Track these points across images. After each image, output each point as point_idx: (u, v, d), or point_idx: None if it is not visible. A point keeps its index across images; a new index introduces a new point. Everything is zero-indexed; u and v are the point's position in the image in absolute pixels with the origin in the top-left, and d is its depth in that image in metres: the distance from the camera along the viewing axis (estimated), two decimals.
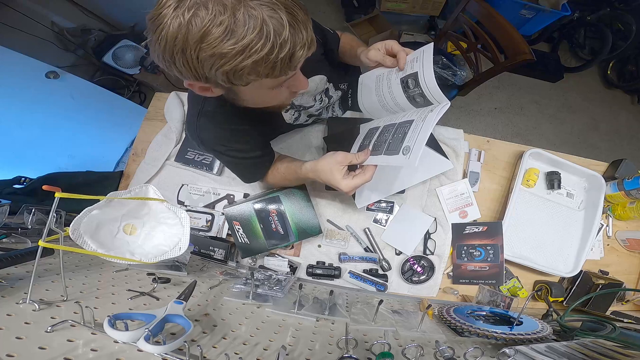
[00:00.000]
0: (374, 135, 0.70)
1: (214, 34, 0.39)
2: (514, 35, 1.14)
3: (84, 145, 1.51)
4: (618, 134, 2.37)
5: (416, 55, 0.62)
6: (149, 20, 0.42)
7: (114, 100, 1.69)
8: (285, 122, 0.85)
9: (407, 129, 0.60)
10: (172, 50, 0.42)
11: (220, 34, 0.39)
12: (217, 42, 0.40)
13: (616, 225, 1.00)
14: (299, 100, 0.81)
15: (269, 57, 0.42)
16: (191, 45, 0.40)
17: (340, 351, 0.52)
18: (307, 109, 0.86)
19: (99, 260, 0.68)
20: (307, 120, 0.93)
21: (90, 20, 2.06)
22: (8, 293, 0.46)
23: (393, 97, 0.68)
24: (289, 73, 0.48)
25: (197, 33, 0.39)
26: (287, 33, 0.42)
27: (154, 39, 0.42)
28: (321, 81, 0.81)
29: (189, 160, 1.00)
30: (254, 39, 0.40)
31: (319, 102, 0.86)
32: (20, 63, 1.36)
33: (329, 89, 0.86)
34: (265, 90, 0.53)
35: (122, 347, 0.41)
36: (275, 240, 0.88)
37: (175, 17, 0.39)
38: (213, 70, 0.44)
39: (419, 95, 0.62)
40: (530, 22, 2.25)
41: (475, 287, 0.90)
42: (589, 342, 0.57)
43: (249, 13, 0.39)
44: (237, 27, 0.40)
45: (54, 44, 1.83)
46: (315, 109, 0.87)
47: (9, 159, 1.27)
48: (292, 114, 0.84)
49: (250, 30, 0.40)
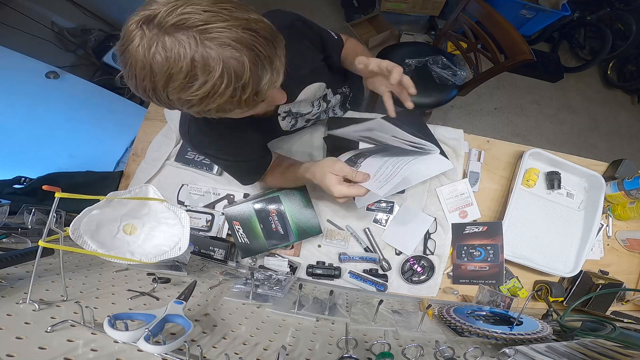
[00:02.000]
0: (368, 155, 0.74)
1: (175, 80, 0.40)
2: (514, 35, 1.14)
3: (84, 145, 1.51)
4: (618, 134, 2.37)
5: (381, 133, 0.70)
6: (118, 53, 0.42)
7: (114, 100, 1.68)
8: (282, 129, 0.84)
9: (398, 167, 0.66)
10: (144, 88, 0.42)
11: (182, 79, 0.40)
12: (180, 89, 0.41)
13: (616, 225, 1.00)
14: (296, 107, 0.79)
15: (233, 98, 0.43)
16: (159, 88, 0.41)
17: (340, 351, 0.52)
18: (305, 115, 0.85)
19: (99, 260, 0.68)
20: (306, 124, 0.92)
21: (90, 20, 2.06)
22: (8, 293, 0.46)
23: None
24: (259, 103, 0.48)
25: (162, 78, 0.40)
26: (248, 74, 0.41)
27: (126, 74, 0.43)
28: (319, 88, 0.79)
29: (189, 160, 0.99)
30: (216, 84, 0.40)
31: (317, 107, 0.85)
32: (20, 63, 1.36)
33: (327, 94, 0.85)
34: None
35: (122, 347, 0.41)
36: (275, 240, 0.88)
37: (139, 56, 0.39)
38: (185, 108, 0.45)
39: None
40: (530, 22, 2.25)
41: (475, 287, 0.90)
42: (589, 342, 0.57)
43: (208, 55, 0.39)
44: (198, 72, 0.39)
45: (54, 44, 1.83)
46: (312, 114, 0.86)
47: (9, 159, 1.26)
48: (289, 121, 0.83)
49: (212, 75, 0.40)
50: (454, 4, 1.95)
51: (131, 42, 0.39)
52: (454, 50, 1.69)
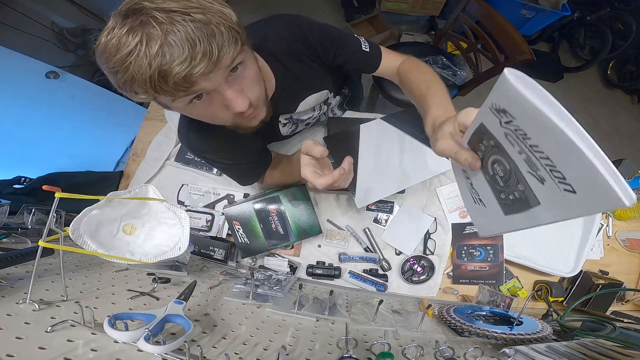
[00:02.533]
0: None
1: (103, 55, 0.42)
2: (514, 35, 1.14)
3: (84, 145, 1.51)
4: (618, 133, 2.37)
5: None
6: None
7: (114, 100, 1.68)
8: (282, 135, 0.83)
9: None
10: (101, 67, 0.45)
11: (107, 54, 0.41)
12: (103, 64, 0.43)
13: (616, 225, 1.00)
14: (297, 115, 0.79)
15: (136, 77, 0.41)
16: (100, 64, 0.44)
17: (340, 351, 0.52)
18: (305, 120, 0.84)
19: (99, 260, 0.68)
20: (306, 127, 0.92)
21: (90, 20, 2.06)
22: (8, 293, 0.47)
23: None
24: (179, 93, 0.44)
25: (100, 52, 0.43)
26: (156, 51, 0.40)
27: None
28: (322, 95, 0.78)
29: (189, 160, 0.99)
30: (126, 60, 0.40)
31: (318, 110, 0.84)
32: (20, 63, 1.36)
33: (329, 97, 0.83)
34: (196, 109, 0.51)
35: (122, 347, 0.41)
36: (275, 240, 0.88)
37: (102, 35, 0.42)
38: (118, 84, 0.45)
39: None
40: (530, 22, 2.25)
41: (475, 287, 0.90)
42: (589, 342, 0.57)
43: (134, 33, 0.40)
44: (119, 48, 0.40)
45: (54, 44, 1.83)
46: (313, 117, 0.86)
47: (9, 159, 1.27)
48: (289, 127, 0.82)
49: (125, 50, 0.40)
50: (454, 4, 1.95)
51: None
52: (454, 50, 1.68)
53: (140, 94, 0.44)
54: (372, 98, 1.69)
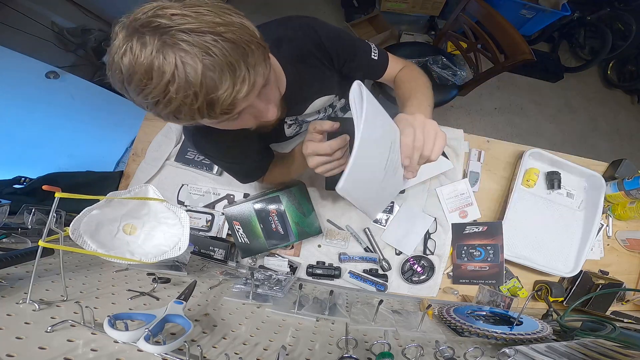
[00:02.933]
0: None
1: (133, 82, 0.39)
2: (514, 35, 1.14)
3: (84, 145, 1.51)
4: (618, 134, 2.37)
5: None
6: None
7: (114, 100, 1.68)
8: (286, 135, 0.83)
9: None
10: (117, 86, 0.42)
11: (139, 81, 0.39)
12: (138, 91, 0.40)
13: (616, 225, 1.00)
14: (303, 117, 0.79)
15: (185, 106, 0.40)
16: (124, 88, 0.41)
17: (340, 351, 0.52)
18: (310, 122, 0.84)
19: (99, 260, 0.68)
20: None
21: (90, 20, 2.06)
22: (8, 293, 0.47)
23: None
24: (224, 117, 0.44)
25: (126, 79, 0.40)
26: (200, 80, 0.38)
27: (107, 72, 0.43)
28: (329, 99, 0.78)
29: (189, 160, 0.99)
30: (167, 88, 0.38)
31: (323, 112, 0.85)
32: (20, 63, 1.36)
33: (334, 101, 0.83)
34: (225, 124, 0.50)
35: (122, 347, 0.41)
36: (275, 240, 0.88)
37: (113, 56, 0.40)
38: (148, 110, 0.44)
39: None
40: (530, 22, 2.25)
41: (475, 287, 0.90)
42: (589, 342, 0.57)
43: (164, 59, 0.37)
44: (153, 76, 0.38)
45: (54, 44, 1.83)
46: (317, 119, 0.85)
47: (9, 159, 1.27)
48: (294, 128, 0.83)
49: (163, 79, 0.38)
50: (454, 4, 1.95)
51: (112, 42, 0.40)
52: (454, 50, 1.68)
53: (184, 121, 0.44)
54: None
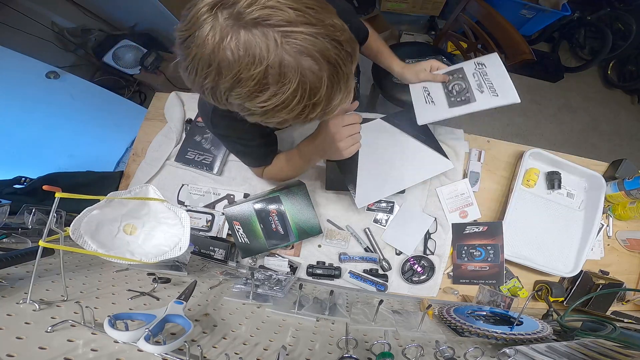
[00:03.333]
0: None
1: (243, 86, 0.35)
2: (514, 35, 1.14)
3: (84, 145, 1.51)
4: (618, 134, 2.37)
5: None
6: (179, 39, 0.36)
7: (114, 100, 1.69)
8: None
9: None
10: (202, 85, 0.38)
11: (252, 86, 0.34)
12: (246, 96, 0.36)
13: (616, 225, 1.00)
14: None
15: (300, 115, 0.38)
16: (221, 90, 0.37)
17: (340, 351, 0.52)
18: None
19: (99, 260, 0.68)
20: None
21: (90, 20, 2.06)
22: (8, 293, 0.46)
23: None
24: (310, 120, 0.42)
25: (229, 80, 0.35)
26: (323, 92, 0.36)
27: (185, 65, 0.37)
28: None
29: (189, 160, 0.99)
30: (288, 98, 0.35)
31: None
32: (20, 63, 1.36)
33: None
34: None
35: (122, 347, 0.41)
36: (275, 240, 0.88)
37: (206, 49, 0.33)
38: (242, 113, 0.41)
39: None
40: (530, 22, 2.25)
41: (475, 287, 0.90)
42: (589, 342, 0.57)
43: (286, 63, 0.33)
44: (270, 81, 0.34)
45: (54, 44, 1.83)
46: None
47: (9, 159, 1.27)
48: None
49: (285, 87, 0.34)
50: (454, 4, 1.95)
51: (199, 29, 0.33)
52: (454, 50, 1.68)
53: (271, 122, 0.41)
54: (372, 98, 1.70)
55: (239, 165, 1.00)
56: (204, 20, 0.33)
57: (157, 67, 2.09)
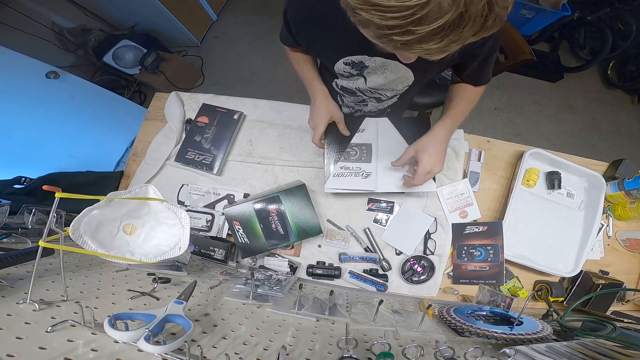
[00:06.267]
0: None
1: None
2: (514, 35, 1.14)
3: (84, 145, 1.51)
4: (618, 134, 2.37)
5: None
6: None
7: (114, 100, 1.69)
8: (338, 73, 0.78)
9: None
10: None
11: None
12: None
13: (616, 225, 1.00)
14: (369, 82, 0.76)
15: (385, 30, 0.35)
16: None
17: (340, 351, 0.52)
18: (357, 95, 0.86)
19: (99, 260, 0.68)
20: (343, 98, 0.93)
21: (90, 20, 2.07)
22: (8, 293, 0.47)
23: None
24: (404, 52, 0.40)
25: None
26: (428, 28, 0.34)
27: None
28: (403, 78, 0.72)
29: (189, 160, 1.00)
30: (394, 6, 0.33)
31: (375, 101, 0.87)
32: (20, 63, 1.36)
33: (396, 93, 0.79)
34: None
35: (122, 347, 0.41)
36: (275, 240, 0.88)
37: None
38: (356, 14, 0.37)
39: None
40: (530, 22, 2.25)
41: (475, 287, 0.90)
42: (589, 342, 0.57)
43: None
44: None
45: (54, 44, 1.84)
46: (358, 100, 0.88)
47: (9, 159, 1.27)
48: (347, 69, 0.75)
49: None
50: None
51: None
52: None
53: (376, 38, 0.39)
54: None
55: (239, 165, 1.00)
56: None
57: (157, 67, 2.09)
